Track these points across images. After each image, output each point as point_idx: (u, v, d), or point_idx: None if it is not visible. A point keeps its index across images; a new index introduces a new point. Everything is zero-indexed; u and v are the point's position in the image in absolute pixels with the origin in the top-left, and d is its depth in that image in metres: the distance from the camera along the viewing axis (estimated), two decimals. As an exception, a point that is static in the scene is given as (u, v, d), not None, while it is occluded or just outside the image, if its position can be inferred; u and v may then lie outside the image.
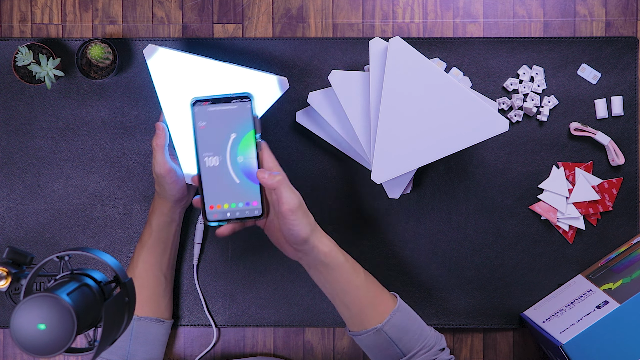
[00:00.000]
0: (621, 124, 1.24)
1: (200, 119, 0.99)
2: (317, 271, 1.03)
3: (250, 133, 1.00)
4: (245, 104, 1.00)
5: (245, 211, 1.00)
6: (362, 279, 1.04)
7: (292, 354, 1.26)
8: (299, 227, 0.97)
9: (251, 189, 1.00)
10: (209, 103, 0.99)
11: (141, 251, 1.16)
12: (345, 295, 1.04)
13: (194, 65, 1.12)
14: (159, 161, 1.10)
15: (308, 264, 1.03)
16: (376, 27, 1.25)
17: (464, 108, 1.10)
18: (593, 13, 1.25)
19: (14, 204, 1.24)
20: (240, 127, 1.00)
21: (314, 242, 1.00)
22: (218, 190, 0.99)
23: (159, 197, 1.15)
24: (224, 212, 1.00)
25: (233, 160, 1.00)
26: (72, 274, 0.76)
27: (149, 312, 1.17)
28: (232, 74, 1.13)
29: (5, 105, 1.23)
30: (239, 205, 1.00)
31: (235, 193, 1.00)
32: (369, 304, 1.04)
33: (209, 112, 0.99)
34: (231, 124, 1.00)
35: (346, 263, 1.03)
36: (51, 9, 1.25)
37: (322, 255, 1.00)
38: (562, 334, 1.09)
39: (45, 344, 0.68)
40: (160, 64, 1.12)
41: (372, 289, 1.05)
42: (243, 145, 1.00)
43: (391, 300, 1.07)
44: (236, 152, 1.00)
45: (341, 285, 1.03)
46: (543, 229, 1.24)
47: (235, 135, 1.00)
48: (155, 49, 1.11)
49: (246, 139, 1.00)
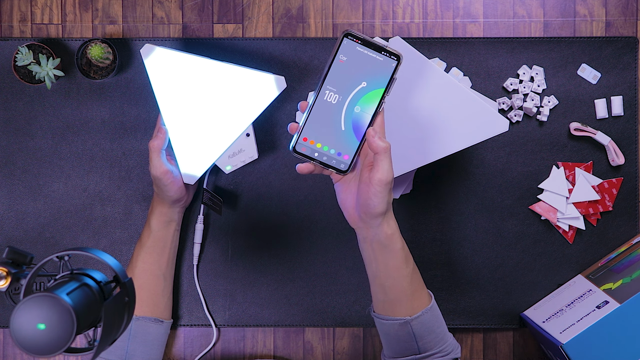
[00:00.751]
0: (621, 124, 1.24)
1: (344, 52, 0.95)
2: (370, 247, 1.00)
3: (380, 90, 0.96)
4: (391, 61, 0.95)
5: (333, 160, 0.96)
6: (410, 270, 1.02)
7: (292, 354, 1.26)
8: (380, 200, 0.94)
9: (350, 142, 0.96)
10: (360, 42, 0.95)
11: (140, 251, 1.16)
12: (387, 280, 1.01)
13: (191, 64, 1.12)
14: (155, 164, 1.11)
15: (365, 237, 1.00)
16: (376, 27, 1.25)
17: (464, 108, 1.10)
18: (593, 13, 1.25)
19: (14, 204, 1.24)
20: (375, 80, 0.95)
21: (382, 220, 0.97)
22: (320, 127, 0.95)
23: (157, 197, 1.15)
24: (314, 150, 0.96)
25: (350, 106, 0.96)
26: (72, 273, 0.76)
27: (147, 312, 1.17)
28: (229, 73, 1.13)
29: (5, 105, 1.23)
30: (331, 152, 0.96)
31: (335, 138, 0.96)
32: (407, 295, 1.02)
33: (355, 50, 0.95)
34: (369, 72, 0.95)
35: (402, 250, 1.00)
36: (51, 9, 1.25)
37: (384, 235, 0.98)
38: (562, 334, 1.09)
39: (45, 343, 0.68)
40: (158, 63, 1.12)
41: (415, 282, 1.03)
42: (367, 98, 0.95)
43: (426, 298, 1.05)
44: (357, 101, 0.95)
45: (388, 270, 1.01)
46: (543, 229, 1.24)
47: (365, 85, 0.95)
48: (152, 49, 1.11)
49: (373, 94, 0.95)
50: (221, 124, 1.14)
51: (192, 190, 1.21)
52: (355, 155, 0.96)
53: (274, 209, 1.24)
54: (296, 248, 1.24)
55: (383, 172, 0.93)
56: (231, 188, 1.24)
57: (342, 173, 0.97)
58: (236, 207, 1.24)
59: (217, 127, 1.14)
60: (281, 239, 1.24)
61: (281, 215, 1.24)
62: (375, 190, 0.94)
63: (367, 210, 0.96)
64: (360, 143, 0.96)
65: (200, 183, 1.23)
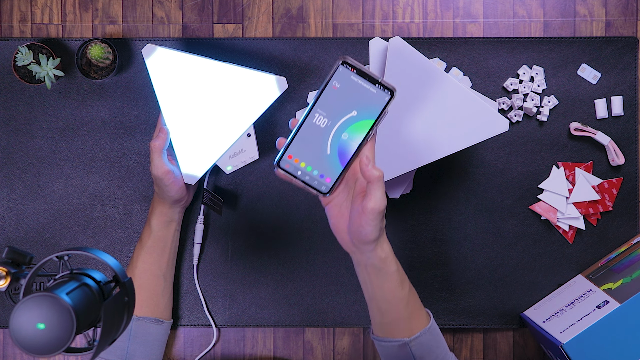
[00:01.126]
0: (621, 124, 1.24)
1: (338, 79, 0.95)
2: (365, 271, 1.00)
3: (370, 121, 0.96)
4: (384, 95, 0.95)
5: (315, 181, 0.96)
6: (406, 292, 1.02)
7: (292, 354, 1.26)
8: (372, 228, 0.94)
9: (334, 166, 0.96)
10: (355, 71, 0.95)
11: (140, 251, 1.16)
12: (384, 303, 1.01)
13: (193, 64, 1.12)
14: (156, 163, 1.11)
15: (359, 261, 1.00)
16: (376, 27, 1.25)
17: (464, 108, 1.10)
18: (593, 13, 1.25)
19: (14, 204, 1.24)
20: (366, 110, 0.96)
21: (375, 246, 0.97)
22: (306, 147, 0.96)
23: (157, 197, 1.15)
24: (297, 169, 0.96)
25: (338, 132, 0.96)
26: (71, 273, 0.76)
27: (147, 312, 1.17)
28: (230, 73, 1.13)
29: (5, 105, 1.23)
30: (314, 173, 0.96)
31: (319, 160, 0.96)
32: (404, 318, 1.02)
33: (349, 79, 0.95)
34: (360, 102, 0.95)
35: (397, 273, 1.00)
36: (51, 9, 1.25)
37: (378, 259, 0.98)
38: (563, 333, 1.09)
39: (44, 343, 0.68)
40: (159, 63, 1.12)
41: (412, 303, 1.03)
42: (356, 127, 0.96)
43: (424, 318, 1.04)
44: (345, 128, 0.96)
45: (384, 293, 1.00)
46: (543, 229, 1.24)
47: (356, 114, 0.96)
48: (154, 49, 1.11)
49: (362, 123, 0.96)
50: (222, 125, 1.14)
51: (193, 191, 1.21)
52: (338, 179, 0.96)
53: (274, 209, 1.24)
54: (296, 248, 1.24)
55: (376, 201, 0.93)
56: (231, 188, 1.24)
57: (321, 194, 0.97)
58: (236, 207, 1.24)
59: (218, 127, 1.14)
60: (281, 239, 1.24)
61: (281, 216, 1.24)
62: (368, 219, 0.94)
63: (360, 238, 0.96)
64: (344, 169, 0.96)
65: (201, 183, 1.23)
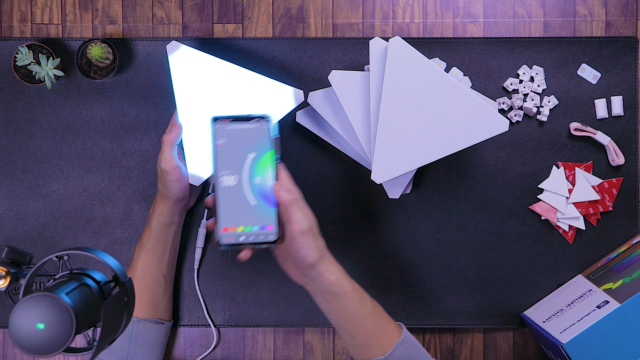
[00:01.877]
0: (621, 124, 1.24)
1: (220, 136, 0.97)
2: (323, 298, 1.00)
3: (269, 153, 0.98)
4: (263, 124, 0.98)
5: (260, 235, 0.97)
6: (369, 308, 1.01)
7: (292, 354, 1.26)
8: (307, 250, 0.94)
9: (267, 212, 0.97)
10: (229, 121, 0.97)
11: (140, 252, 1.16)
12: (350, 325, 1.00)
13: (214, 67, 1.13)
14: (166, 157, 1.10)
15: (314, 289, 1.00)
16: (376, 27, 1.25)
17: (464, 108, 1.10)
18: (593, 13, 1.25)
19: (14, 204, 1.24)
20: (260, 146, 0.98)
21: (321, 269, 0.97)
22: (233, 211, 0.96)
23: (160, 196, 1.15)
24: (238, 236, 0.96)
25: (250, 180, 0.97)
26: (71, 273, 0.76)
27: (148, 313, 1.17)
28: (250, 80, 1.13)
29: (5, 105, 1.23)
30: (254, 229, 0.97)
31: (251, 215, 0.97)
32: (374, 334, 1.01)
33: (228, 130, 0.97)
34: (250, 143, 0.98)
35: (353, 292, 0.99)
36: (51, 9, 1.25)
37: (329, 283, 0.97)
38: (563, 333, 1.09)
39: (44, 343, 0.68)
40: (181, 61, 1.12)
41: (379, 319, 1.02)
42: (261, 165, 0.98)
43: (397, 332, 1.03)
44: (254, 172, 0.97)
45: (347, 314, 0.99)
46: (543, 229, 1.24)
47: (254, 155, 0.97)
48: (178, 46, 1.12)
49: (264, 159, 0.98)
50: None
51: (196, 194, 1.21)
52: (278, 221, 0.97)
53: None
54: (296, 248, 1.24)
55: (298, 223, 0.93)
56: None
57: (275, 244, 0.97)
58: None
59: None
60: (281, 239, 1.24)
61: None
62: (299, 242, 0.94)
63: (300, 263, 0.96)
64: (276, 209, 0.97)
65: (206, 187, 1.23)
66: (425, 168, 1.23)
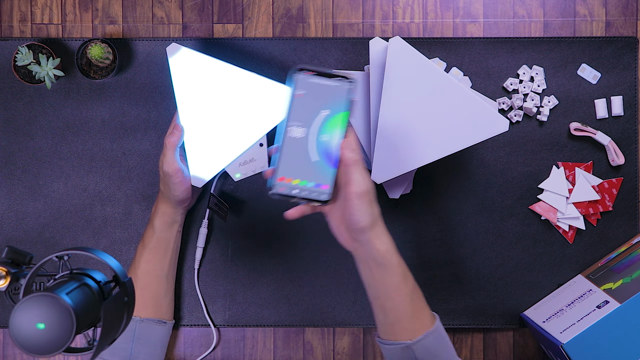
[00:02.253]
0: (621, 124, 1.24)
1: (300, 87, 0.95)
2: (367, 267, 0.98)
3: (343, 114, 0.96)
4: (346, 85, 0.96)
5: (313, 192, 0.95)
6: (410, 288, 0.99)
7: (292, 354, 1.26)
8: (361, 213, 0.93)
9: (326, 171, 0.95)
10: (313, 73, 0.95)
11: (143, 252, 1.16)
12: (387, 300, 0.98)
13: (214, 68, 1.13)
14: (168, 159, 1.10)
15: (360, 257, 0.98)
16: (376, 27, 1.25)
17: (464, 108, 1.10)
18: (593, 13, 1.25)
19: (14, 204, 1.24)
20: (335, 105, 0.96)
21: (371, 235, 0.95)
22: (294, 163, 0.95)
23: (162, 197, 1.15)
24: (292, 188, 0.95)
25: (318, 136, 0.95)
26: (71, 273, 0.76)
27: (151, 313, 1.17)
28: (251, 81, 1.13)
29: (5, 105, 1.23)
30: (309, 185, 0.95)
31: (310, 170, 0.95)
32: (408, 316, 0.99)
33: (310, 82, 0.95)
34: (327, 100, 0.96)
35: (399, 267, 0.97)
36: (51, 9, 1.25)
37: (377, 252, 0.95)
38: (563, 333, 1.09)
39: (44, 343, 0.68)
40: (181, 63, 1.13)
41: (416, 302, 1.00)
42: (332, 124, 0.96)
43: (429, 320, 1.01)
44: (323, 130, 0.96)
45: (386, 289, 0.98)
46: (543, 229, 1.24)
47: (328, 113, 0.96)
48: (178, 48, 1.12)
49: (336, 119, 0.96)
50: (236, 131, 1.14)
51: (197, 194, 1.21)
52: (334, 182, 0.96)
53: (274, 209, 1.24)
54: (296, 248, 1.24)
55: (357, 184, 0.92)
56: (232, 189, 1.24)
57: (325, 203, 0.96)
58: (240, 213, 1.24)
59: (231, 133, 1.14)
60: (281, 239, 1.24)
61: (281, 215, 1.24)
62: (354, 204, 0.93)
63: (352, 227, 0.95)
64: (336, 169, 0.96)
65: (207, 187, 1.23)
66: (425, 168, 1.23)
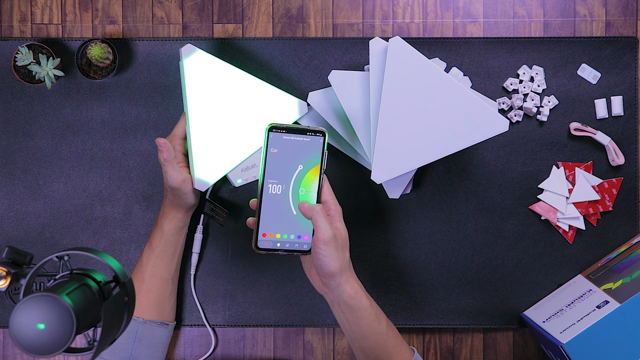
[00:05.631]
0: (621, 124, 1.24)
1: (274, 145, 1.01)
2: (339, 310, 1.02)
3: (317, 167, 1.01)
4: (318, 139, 1.01)
5: (295, 244, 1.01)
6: (384, 327, 1.03)
7: (292, 354, 1.26)
8: (328, 260, 0.97)
9: (306, 223, 1.01)
10: (284, 131, 1.00)
11: (151, 255, 1.16)
12: (363, 340, 1.03)
13: (226, 73, 1.14)
14: (171, 175, 1.11)
15: (332, 301, 1.02)
16: (376, 27, 1.25)
17: (464, 108, 1.10)
18: (593, 13, 1.25)
19: (14, 204, 1.24)
20: (309, 159, 1.01)
21: (341, 280, 0.99)
22: (274, 219, 1.01)
23: (171, 203, 1.15)
24: (275, 242, 1.01)
25: (295, 191, 1.01)
26: (71, 273, 0.76)
27: (154, 315, 1.17)
28: (258, 88, 1.15)
29: (5, 105, 1.23)
30: (291, 237, 1.01)
31: (290, 224, 1.01)
32: (386, 353, 1.03)
33: (283, 140, 1.01)
34: (301, 155, 1.01)
35: (370, 308, 1.02)
36: (51, 9, 1.25)
37: (347, 296, 1.00)
38: (563, 333, 1.09)
39: (44, 343, 0.68)
40: (194, 65, 1.13)
41: (392, 339, 1.04)
42: (307, 178, 1.01)
43: (408, 354, 1.06)
44: (299, 184, 1.01)
45: (361, 330, 1.02)
46: (543, 229, 1.24)
47: (302, 167, 1.01)
48: (193, 50, 1.13)
49: (312, 173, 1.01)
50: (241, 136, 1.15)
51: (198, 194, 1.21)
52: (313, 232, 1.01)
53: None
54: (296, 248, 1.24)
55: (321, 232, 0.97)
56: (230, 195, 1.24)
57: (308, 252, 1.02)
58: (240, 215, 1.24)
59: (238, 138, 1.15)
60: (281, 239, 1.24)
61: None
62: (320, 250, 0.97)
63: (321, 272, 0.99)
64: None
65: (203, 193, 1.22)
66: (425, 168, 1.23)
